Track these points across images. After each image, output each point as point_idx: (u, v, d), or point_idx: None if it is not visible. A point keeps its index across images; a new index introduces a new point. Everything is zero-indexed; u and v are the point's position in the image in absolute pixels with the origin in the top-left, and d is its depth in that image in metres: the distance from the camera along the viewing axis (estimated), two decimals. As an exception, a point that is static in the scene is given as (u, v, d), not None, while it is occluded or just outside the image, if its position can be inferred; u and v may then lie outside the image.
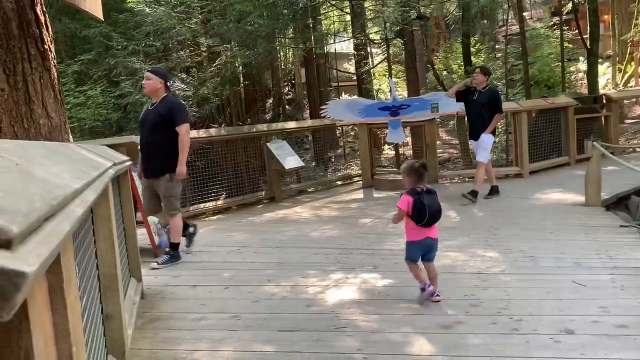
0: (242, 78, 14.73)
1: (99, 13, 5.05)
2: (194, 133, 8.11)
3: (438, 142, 14.24)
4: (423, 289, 3.69)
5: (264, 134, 8.60)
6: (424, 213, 3.58)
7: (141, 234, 5.55)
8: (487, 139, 7.27)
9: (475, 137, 7.37)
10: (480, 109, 7.24)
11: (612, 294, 3.63)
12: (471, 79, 7.65)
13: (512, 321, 3.24)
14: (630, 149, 11.32)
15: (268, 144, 8.26)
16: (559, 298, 3.60)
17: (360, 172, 10.09)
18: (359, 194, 8.86)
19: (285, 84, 22.92)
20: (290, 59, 22.21)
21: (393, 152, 13.12)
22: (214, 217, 7.34)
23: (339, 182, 10.34)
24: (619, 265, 4.27)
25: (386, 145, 14.60)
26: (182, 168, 4.76)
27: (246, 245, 5.58)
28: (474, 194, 7.13)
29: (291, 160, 8.20)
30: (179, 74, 10.96)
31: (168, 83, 5.07)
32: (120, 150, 3.78)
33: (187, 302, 3.92)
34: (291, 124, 10.33)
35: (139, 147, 5.07)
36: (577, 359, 2.70)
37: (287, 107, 20.35)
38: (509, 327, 3.14)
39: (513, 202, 7.17)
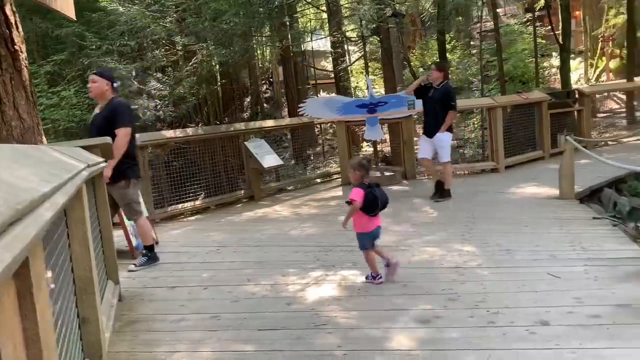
0: (219, 77, 14.63)
1: (70, 12, 4.97)
2: (170, 133, 8.07)
3: (415, 139, 14.35)
4: (374, 277, 4.00)
5: (242, 132, 8.56)
6: (376, 204, 3.94)
7: (119, 236, 5.50)
8: (443, 137, 7.13)
9: (430, 135, 7.21)
10: (435, 106, 7.13)
11: (585, 285, 3.71)
12: (427, 76, 7.57)
13: (489, 314, 3.28)
14: (603, 142, 11.55)
15: (246, 142, 8.23)
16: (534, 290, 3.66)
17: (339, 169, 10.12)
18: (338, 192, 8.88)
19: (263, 82, 22.83)
20: (268, 57, 22.14)
21: (372, 149, 13.17)
22: (192, 218, 7.29)
23: (319, 180, 10.35)
24: (592, 256, 4.36)
25: (364, 142, 14.65)
26: (107, 171, 4.27)
27: (225, 244, 5.55)
28: (445, 194, 7.16)
29: (270, 159, 8.18)
30: (155, 74, 10.85)
31: (115, 85, 4.84)
32: (95, 151, 3.72)
33: (166, 303, 3.89)
34: (269, 123, 10.30)
35: None
36: (552, 350, 2.75)
37: (265, 105, 20.29)
38: (486, 320, 3.19)
39: (489, 197, 7.27)
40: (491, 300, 3.52)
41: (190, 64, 11.13)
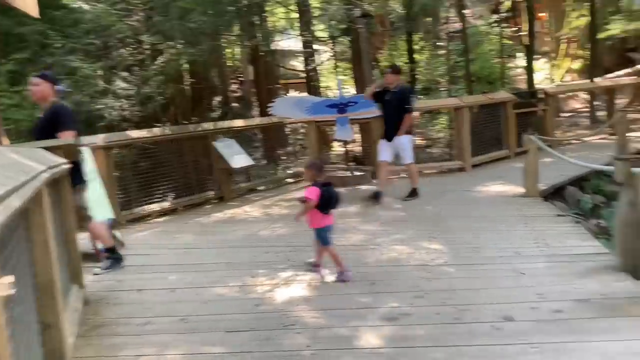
0: (187, 76, 14.45)
1: (33, 10, 4.84)
2: (136, 133, 7.93)
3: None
4: (342, 272, 4.14)
5: (211, 132, 8.47)
6: (331, 202, 4.16)
7: (84, 238, 5.38)
8: (403, 140, 7.04)
9: (389, 138, 7.10)
10: (392, 110, 7.03)
11: (549, 281, 3.80)
12: (382, 80, 7.45)
13: (455, 311, 3.34)
14: (566, 142, 11.84)
15: (215, 142, 8.15)
16: (499, 287, 3.74)
17: (309, 169, 10.11)
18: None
19: (232, 81, 22.65)
20: (238, 57, 21.98)
21: (342, 149, 13.22)
22: (161, 219, 7.19)
23: (290, 180, 10.32)
24: (555, 253, 4.47)
25: (335, 142, 14.70)
26: None
27: (194, 246, 5.50)
28: (413, 193, 7.20)
29: (239, 159, 8.12)
30: (121, 73, 10.65)
31: (58, 87, 4.64)
32: (58, 153, 3.64)
33: (133, 306, 3.83)
34: (239, 122, 10.22)
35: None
36: (516, 345, 2.81)
37: (235, 105, 20.14)
38: (453, 317, 3.24)
39: (457, 195, 7.38)
40: (457, 297, 3.58)
41: (157, 62, 10.96)
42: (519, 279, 3.90)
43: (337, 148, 14.82)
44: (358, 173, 9.35)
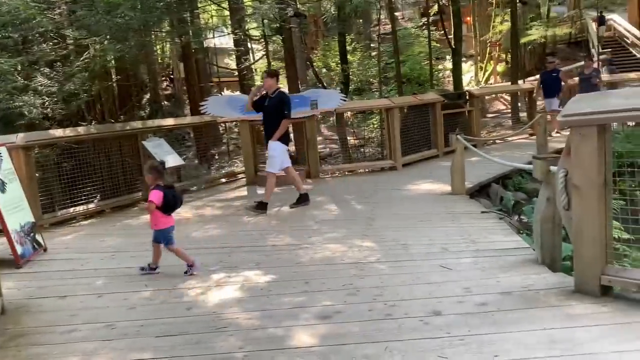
0: (114, 73, 13.93)
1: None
2: (59, 132, 7.56)
3: (319, 138, 14.55)
4: (191, 266, 4.37)
5: (139, 131, 8.19)
6: (174, 204, 4.41)
7: (2, 244, 5.10)
8: (273, 146, 6.75)
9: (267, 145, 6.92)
10: (270, 116, 6.81)
11: (474, 275, 3.97)
12: (259, 86, 7.31)
13: (386, 307, 3.41)
14: (491, 141, 12.41)
15: (144, 142, 7.90)
16: (428, 282, 3.86)
17: (244, 169, 10.02)
18: (243, 192, 8.80)
19: (163, 79, 22.05)
20: (168, 54, 21.42)
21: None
22: (86, 222, 6.89)
23: (223, 180, 10.18)
24: (480, 248, 4.67)
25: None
26: None
27: (121, 250, 5.31)
28: (261, 206, 6.69)
29: (170, 159, 7.92)
30: (42, 69, 10.10)
31: None
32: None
33: (56, 314, 3.64)
34: (169, 121, 9.98)
35: None
36: (443, 338, 2.91)
37: (165, 103, 19.62)
38: (384, 313, 3.31)
39: (388, 194, 7.55)
40: (388, 293, 3.66)
41: (82, 58, 10.49)
42: (446, 274, 4.04)
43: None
44: (292, 172, 9.35)
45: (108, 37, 9.97)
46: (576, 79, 12.58)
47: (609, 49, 20.21)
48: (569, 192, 3.38)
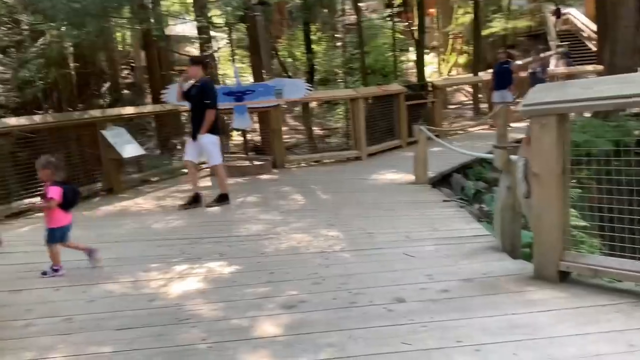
0: (72, 60, 13.48)
1: None
2: (14, 120, 7.28)
3: (285, 128, 14.47)
4: (56, 270, 4.17)
5: (99, 120, 7.96)
6: (73, 199, 4.23)
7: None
8: (206, 139, 6.35)
9: (193, 137, 6.47)
10: (195, 106, 6.43)
11: (436, 263, 4.02)
12: (184, 75, 6.74)
13: (351, 295, 3.42)
14: (453, 132, 12.59)
15: (103, 131, 7.68)
16: (392, 270, 3.89)
17: (207, 159, 9.88)
18: (207, 182, 8.66)
19: (123, 67, 21.50)
20: (129, 41, 20.88)
21: (241, 138, 13.06)
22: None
23: (185, 170, 10.01)
24: (442, 236, 4.74)
25: (235, 131, 14.48)
26: None
27: (80, 242, 5.14)
28: (222, 198, 6.52)
29: (130, 149, 7.73)
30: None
31: None
32: None
33: (11, 308, 3.51)
34: (129, 110, 9.71)
35: None
36: (407, 325, 2.94)
37: (126, 91, 19.13)
38: (348, 301, 3.32)
39: (353, 184, 7.59)
40: (353, 281, 3.67)
41: (37, 44, 10.10)
42: (409, 261, 4.08)
43: (237, 137, 14.62)
44: (258, 162, 9.30)
45: (65, 22, 9.62)
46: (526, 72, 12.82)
47: (567, 42, 20.76)
48: (529, 180, 3.45)
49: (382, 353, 2.63)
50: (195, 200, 6.54)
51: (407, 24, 19.02)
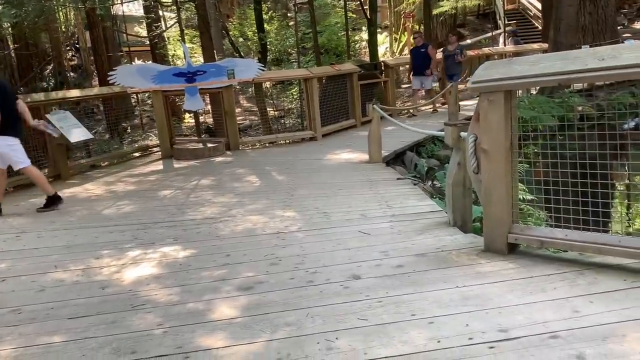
0: (11, 41, 12.83)
1: None
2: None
3: (238, 109, 14.30)
4: None
5: (42, 104, 7.64)
6: None
7: None
8: (1, 142, 5.60)
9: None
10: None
11: (391, 239, 4.09)
12: None
13: (307, 274, 3.44)
14: (405, 111, 12.74)
15: (48, 115, 7.38)
16: (347, 248, 3.93)
17: (158, 142, 9.67)
18: (159, 165, 8.51)
19: (67, 48, 20.65)
20: (72, 21, 20.03)
21: (194, 120, 12.85)
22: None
23: (137, 154, 9.78)
24: (396, 213, 4.82)
25: (186, 113, 14.18)
26: None
27: (26, 230, 4.97)
28: (51, 201, 5.83)
29: (77, 133, 7.47)
30: None
31: None
32: None
33: (-48, 303, 3.36)
34: (74, 92, 9.36)
35: None
36: (363, 301, 2.98)
37: (71, 74, 18.41)
38: (305, 280, 3.34)
39: (308, 164, 7.59)
40: (309, 261, 3.69)
41: (-29, 24, 9.55)
42: (365, 239, 4.13)
43: (189, 119, 14.33)
44: (211, 145, 9.17)
45: (2, 1, 9.12)
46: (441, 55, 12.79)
47: (514, 21, 21.25)
48: (478, 156, 3.54)
49: (339, 330, 2.66)
50: (54, 202, 5.83)
51: (359, 2, 18.98)
